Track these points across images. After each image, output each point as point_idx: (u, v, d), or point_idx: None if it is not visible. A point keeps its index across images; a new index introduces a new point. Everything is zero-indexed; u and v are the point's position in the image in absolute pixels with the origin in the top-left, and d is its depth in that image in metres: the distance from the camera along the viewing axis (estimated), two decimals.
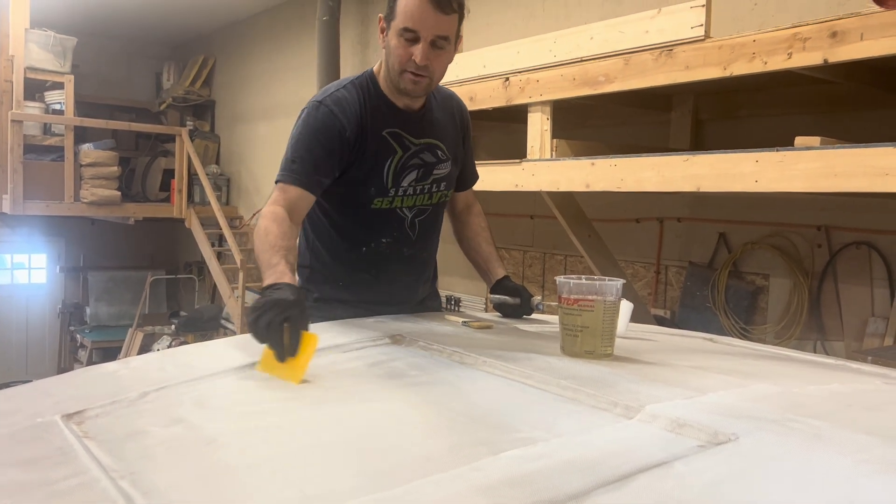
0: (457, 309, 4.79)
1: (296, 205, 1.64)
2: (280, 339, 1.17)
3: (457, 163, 1.87)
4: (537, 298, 1.77)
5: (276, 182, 1.67)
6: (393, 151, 1.72)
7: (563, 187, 2.90)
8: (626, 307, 1.50)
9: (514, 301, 1.77)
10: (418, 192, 1.77)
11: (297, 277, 1.58)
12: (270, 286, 1.35)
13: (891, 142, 1.94)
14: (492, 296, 1.83)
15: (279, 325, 1.18)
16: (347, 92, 1.71)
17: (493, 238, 2.00)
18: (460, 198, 2.00)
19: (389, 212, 1.75)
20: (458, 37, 1.65)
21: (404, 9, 1.56)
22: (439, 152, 1.80)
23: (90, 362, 7.75)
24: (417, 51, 1.58)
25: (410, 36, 1.57)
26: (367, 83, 1.73)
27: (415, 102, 1.75)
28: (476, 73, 3.33)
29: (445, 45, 1.61)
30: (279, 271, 1.41)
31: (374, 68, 1.76)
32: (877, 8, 1.95)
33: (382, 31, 1.66)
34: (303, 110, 1.72)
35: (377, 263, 1.80)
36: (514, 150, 3.20)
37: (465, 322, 1.65)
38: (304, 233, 1.87)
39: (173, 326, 7.32)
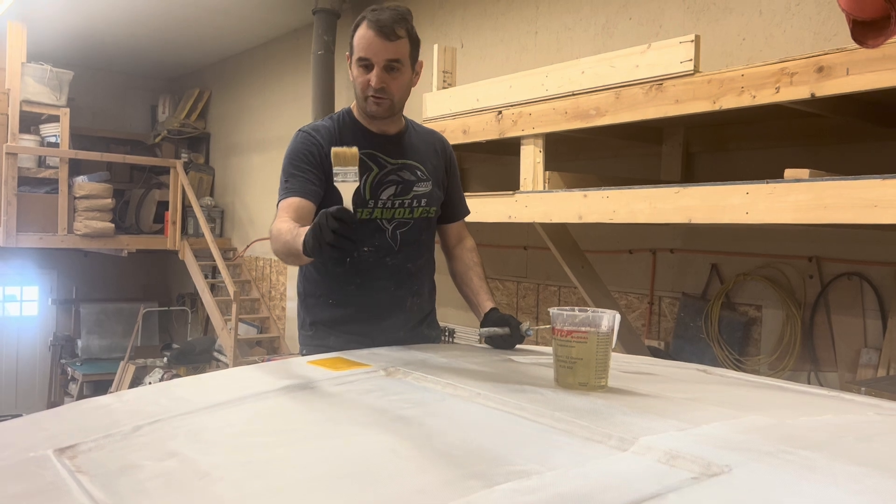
0: (451, 340, 4.78)
1: (299, 213, 1.78)
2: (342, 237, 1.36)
3: (440, 186, 2.00)
4: (525, 325, 1.79)
5: (278, 203, 1.84)
6: (369, 169, 1.87)
7: (556, 219, 2.92)
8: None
9: (503, 331, 1.80)
10: (398, 205, 1.90)
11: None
12: (304, 240, 1.49)
13: (878, 174, 1.97)
14: (481, 329, 1.85)
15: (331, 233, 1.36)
16: (324, 122, 1.94)
17: (484, 273, 2.07)
18: (452, 232, 2.11)
19: (370, 222, 1.88)
20: (415, 60, 1.86)
21: (357, 42, 1.79)
22: (419, 172, 1.94)
23: (81, 396, 7.67)
24: (372, 76, 1.79)
25: (365, 63, 1.79)
26: (343, 115, 1.96)
27: (389, 127, 1.92)
28: (469, 106, 3.37)
29: (398, 67, 1.80)
30: (299, 231, 1.56)
31: (352, 105, 1.96)
32: None
33: (349, 65, 1.87)
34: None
35: (361, 273, 1.90)
36: (508, 182, 3.23)
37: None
38: (302, 272, 2.00)
39: (165, 359, 7.27)
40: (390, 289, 1.93)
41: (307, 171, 1.84)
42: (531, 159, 3.04)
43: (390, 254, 1.91)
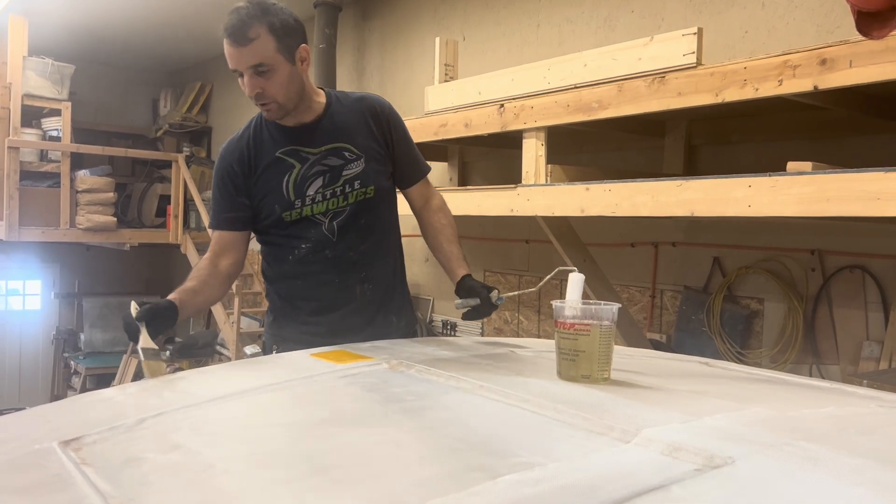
0: (453, 334, 4.78)
1: (220, 246, 1.90)
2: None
3: (379, 159, 1.92)
4: (495, 293, 1.77)
5: None
6: (290, 167, 1.86)
7: (558, 212, 2.92)
8: (576, 280, 1.48)
9: (475, 302, 1.78)
10: (328, 196, 1.86)
11: (178, 298, 1.73)
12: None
13: (881, 167, 1.97)
14: (456, 302, 1.83)
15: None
16: (239, 134, 1.93)
17: (454, 233, 2.02)
18: (415, 194, 2.05)
19: (304, 220, 1.87)
20: (290, 50, 1.74)
21: (225, 55, 1.73)
22: (346, 153, 1.88)
23: (84, 389, 7.69)
24: (245, 84, 1.76)
25: (237, 73, 1.76)
26: (259, 120, 1.92)
27: (304, 116, 1.87)
28: (471, 99, 3.36)
29: (268, 68, 1.72)
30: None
31: None
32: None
33: None
34: None
35: (303, 268, 1.91)
36: (510, 175, 3.23)
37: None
38: (261, 267, 2.05)
39: (168, 352, 7.29)
40: (334, 281, 1.91)
41: (221, 199, 1.89)
42: (533, 153, 3.04)
43: (329, 246, 1.88)
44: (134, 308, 1.58)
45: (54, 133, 7.15)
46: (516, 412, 1.07)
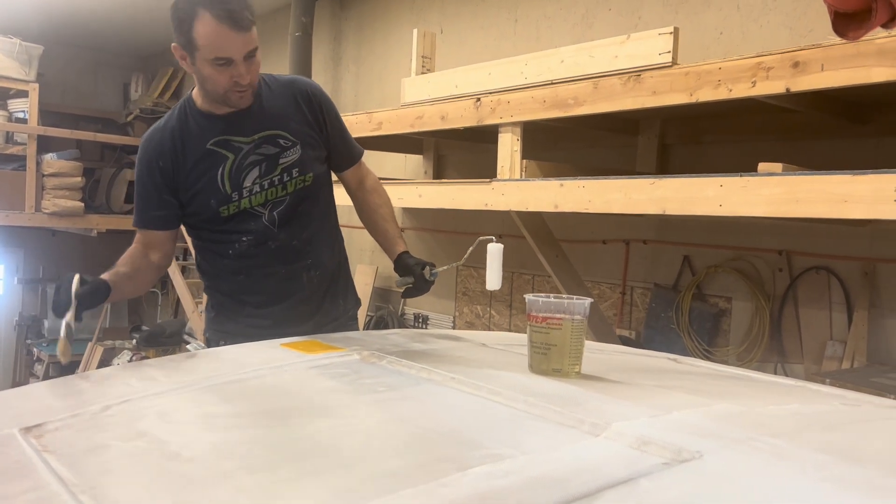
0: (424, 326, 4.78)
1: (148, 242, 1.83)
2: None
3: (314, 145, 1.85)
4: (428, 269, 1.77)
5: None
6: (223, 158, 1.76)
7: (532, 207, 2.92)
8: (494, 251, 1.50)
9: (410, 280, 1.78)
10: (266, 186, 1.79)
11: (111, 280, 1.67)
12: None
13: (849, 170, 2.00)
14: (396, 281, 1.83)
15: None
16: (161, 125, 1.81)
17: (390, 212, 1.99)
18: (350, 177, 2.00)
19: (241, 213, 1.79)
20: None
21: (208, 39, 1.59)
22: (281, 140, 1.80)
23: (47, 376, 7.55)
24: (237, 72, 1.63)
25: (223, 62, 1.62)
26: (184, 106, 1.80)
27: (240, 104, 1.76)
28: (448, 93, 3.35)
29: (256, 53, 1.67)
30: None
31: (193, 92, 1.80)
32: (837, 40, 2.02)
33: (183, 59, 1.68)
34: None
35: (246, 261, 1.84)
36: (485, 169, 3.23)
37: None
38: (196, 262, 1.97)
39: (134, 341, 7.18)
40: (280, 272, 1.86)
41: (145, 196, 1.81)
42: (508, 147, 3.04)
43: (271, 237, 1.82)
44: (77, 283, 1.51)
45: (21, 115, 6.99)
46: (487, 404, 1.07)
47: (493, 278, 1.58)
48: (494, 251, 1.47)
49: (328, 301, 1.95)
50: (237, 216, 1.79)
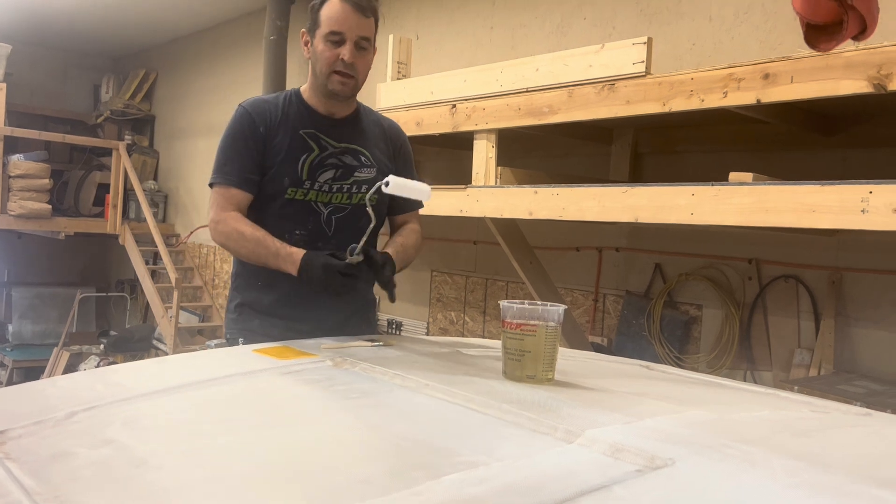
0: (398, 333, 4.76)
1: (239, 205, 1.81)
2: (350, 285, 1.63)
3: (385, 176, 1.85)
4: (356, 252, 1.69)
5: (213, 185, 1.83)
6: (309, 149, 1.84)
7: (507, 214, 2.93)
8: (396, 184, 1.58)
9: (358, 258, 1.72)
10: (335, 189, 1.85)
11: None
12: (302, 267, 1.67)
13: (817, 180, 2.04)
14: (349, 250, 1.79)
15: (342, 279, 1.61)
16: (269, 98, 1.90)
17: (414, 245, 1.96)
18: (399, 221, 2.02)
19: (304, 204, 1.84)
20: (374, 44, 1.83)
21: (329, 15, 1.76)
22: (362, 157, 1.89)
23: (10, 383, 7.38)
24: (345, 50, 1.76)
25: (336, 38, 1.76)
26: (291, 95, 1.91)
27: (338, 110, 1.88)
28: (424, 98, 3.36)
29: (367, 46, 1.79)
30: (287, 251, 1.70)
31: (302, 87, 1.91)
32: (806, 52, 2.05)
33: (307, 44, 1.84)
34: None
35: None
36: (460, 176, 3.23)
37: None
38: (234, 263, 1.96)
39: (102, 346, 7.06)
40: None
41: (245, 156, 1.81)
42: (484, 154, 3.05)
43: (322, 238, 1.84)
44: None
45: None
46: (461, 411, 1.06)
47: (417, 190, 1.66)
48: (396, 184, 1.55)
49: (362, 322, 1.97)
50: (299, 205, 1.83)
